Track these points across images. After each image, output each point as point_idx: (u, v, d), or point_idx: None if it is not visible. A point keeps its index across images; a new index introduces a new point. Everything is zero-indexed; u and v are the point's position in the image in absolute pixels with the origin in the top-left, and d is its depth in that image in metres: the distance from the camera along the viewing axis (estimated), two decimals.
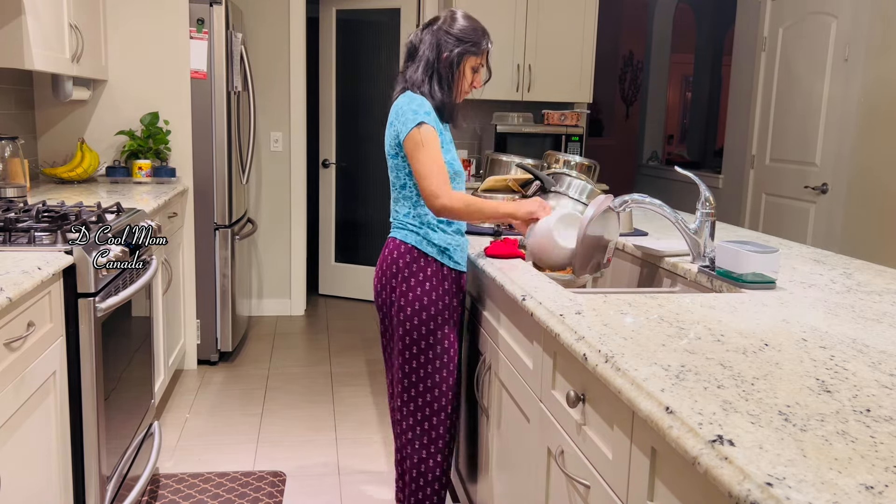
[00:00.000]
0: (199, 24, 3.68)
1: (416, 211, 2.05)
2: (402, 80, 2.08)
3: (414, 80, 2.03)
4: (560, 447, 1.44)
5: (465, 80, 2.07)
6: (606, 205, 1.94)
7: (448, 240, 2.06)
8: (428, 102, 1.99)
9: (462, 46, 2.01)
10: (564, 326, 1.38)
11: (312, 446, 3.05)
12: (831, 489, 0.77)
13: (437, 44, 2.02)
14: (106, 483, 2.08)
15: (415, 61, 2.05)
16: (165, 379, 3.26)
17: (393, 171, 2.07)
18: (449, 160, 2.03)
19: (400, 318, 2.05)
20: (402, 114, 1.97)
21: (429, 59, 2.02)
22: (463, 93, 2.08)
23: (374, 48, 5.08)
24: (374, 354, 4.22)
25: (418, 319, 2.03)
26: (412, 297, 2.03)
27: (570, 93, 4.70)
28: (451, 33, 2.02)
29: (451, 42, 2.01)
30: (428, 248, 2.03)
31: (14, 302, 1.59)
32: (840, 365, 1.17)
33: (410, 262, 2.03)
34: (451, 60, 2.01)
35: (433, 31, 2.04)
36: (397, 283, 2.04)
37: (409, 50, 2.08)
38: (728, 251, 1.76)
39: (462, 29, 2.02)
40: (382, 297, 2.11)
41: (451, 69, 2.02)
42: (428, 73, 2.02)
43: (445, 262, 2.05)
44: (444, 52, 2.01)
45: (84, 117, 3.63)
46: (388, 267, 2.07)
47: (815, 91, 4.23)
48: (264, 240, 4.90)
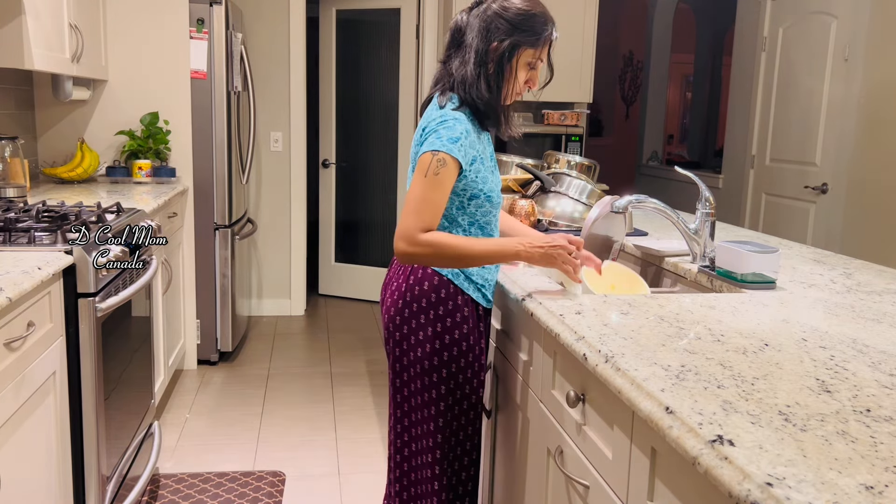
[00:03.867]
0: (199, 24, 3.68)
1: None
2: (445, 73, 1.70)
3: (465, 76, 1.64)
4: (560, 447, 1.44)
5: (519, 79, 1.68)
6: (611, 205, 1.93)
7: (484, 274, 1.74)
8: (464, 121, 1.62)
9: (517, 35, 1.63)
10: (564, 326, 1.38)
11: (312, 446, 3.05)
12: (831, 489, 0.77)
13: (487, 30, 1.63)
14: (106, 483, 2.08)
15: (460, 51, 1.66)
16: (165, 379, 3.26)
17: None
18: (484, 189, 1.67)
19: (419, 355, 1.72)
20: (430, 133, 1.61)
21: (480, 50, 1.63)
22: (514, 94, 1.70)
23: (374, 48, 5.08)
24: (374, 354, 4.22)
25: (439, 359, 1.70)
26: (449, 339, 1.69)
27: (570, 93, 4.69)
28: (504, 17, 1.62)
29: (503, 28, 1.62)
30: (464, 284, 1.70)
31: (14, 302, 1.59)
32: (840, 365, 1.17)
33: (446, 299, 1.69)
34: (502, 52, 1.63)
35: (483, 12, 1.64)
36: (429, 321, 1.69)
37: (453, 34, 1.69)
38: (728, 251, 1.76)
39: (520, 11, 1.63)
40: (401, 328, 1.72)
41: (501, 63, 1.64)
42: (480, 66, 1.63)
43: (478, 299, 1.74)
44: (493, 41, 1.63)
45: (84, 117, 3.63)
46: (413, 299, 1.69)
47: (815, 91, 4.23)
48: (264, 240, 4.90)
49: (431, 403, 1.75)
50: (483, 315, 1.78)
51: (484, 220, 1.73)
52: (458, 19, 1.69)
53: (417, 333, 1.70)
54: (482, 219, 1.72)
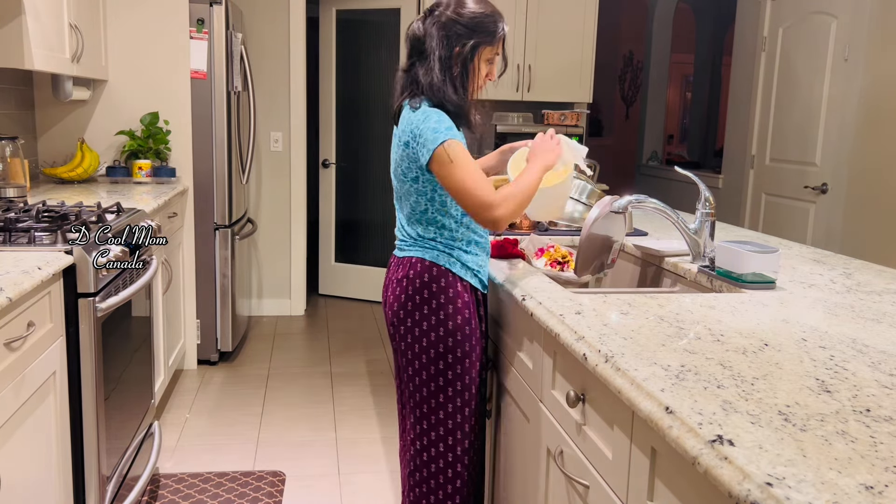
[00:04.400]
0: (199, 24, 3.68)
1: (444, 232, 1.80)
2: (409, 81, 1.78)
3: (432, 82, 1.73)
4: (560, 447, 1.44)
5: (480, 75, 1.79)
6: (611, 205, 1.93)
7: (478, 261, 1.85)
8: (445, 115, 1.73)
9: (476, 37, 1.73)
10: (564, 326, 1.38)
11: (312, 446, 3.05)
12: (831, 489, 0.77)
13: (447, 36, 1.73)
14: (106, 483, 2.08)
15: (423, 59, 1.75)
16: (165, 379, 3.26)
17: (411, 195, 1.79)
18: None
19: (425, 344, 1.80)
20: (420, 135, 1.70)
21: (442, 57, 1.73)
22: (478, 88, 1.82)
23: (374, 48, 5.08)
24: (374, 354, 4.22)
25: (444, 346, 1.79)
26: (452, 325, 1.78)
27: (570, 93, 4.69)
28: (460, 22, 1.73)
29: (462, 32, 1.73)
30: (461, 272, 1.81)
31: (14, 302, 1.59)
32: (840, 365, 1.17)
33: (446, 287, 1.78)
34: (465, 56, 1.73)
35: (440, 20, 1.74)
36: (432, 310, 1.78)
37: (413, 44, 1.78)
38: (728, 251, 1.76)
39: (474, 15, 1.73)
40: (408, 324, 1.81)
41: (465, 65, 1.74)
42: (446, 73, 1.73)
43: (476, 284, 1.85)
44: (455, 46, 1.73)
45: (84, 117, 3.63)
46: (415, 291, 1.79)
47: (815, 91, 4.23)
48: (264, 240, 4.90)
49: (439, 391, 1.82)
50: (481, 301, 1.89)
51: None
52: (415, 28, 1.78)
53: (421, 324, 1.79)
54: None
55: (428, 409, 1.83)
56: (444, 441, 1.84)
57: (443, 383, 1.81)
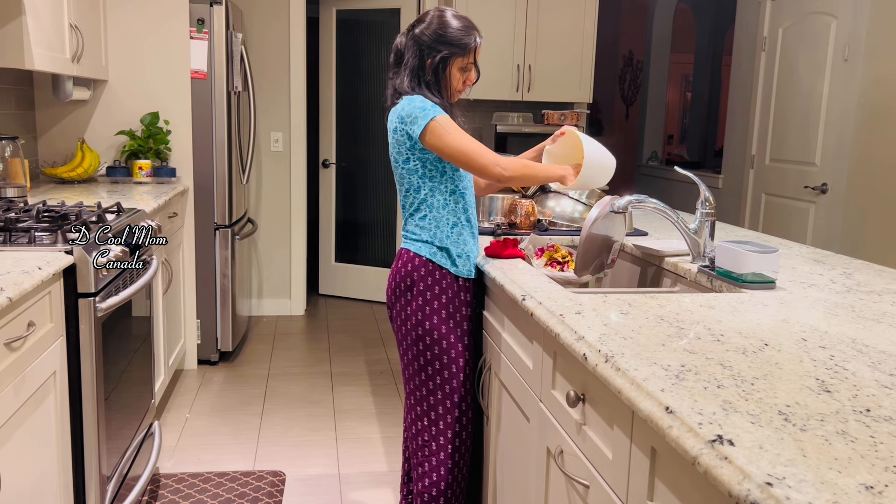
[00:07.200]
0: (199, 24, 3.69)
1: (429, 219, 1.97)
2: (393, 88, 2.01)
3: (402, 90, 1.96)
4: (560, 447, 1.44)
5: (456, 81, 1.99)
6: (611, 205, 1.93)
7: (459, 249, 1.99)
8: (428, 100, 1.92)
9: (447, 50, 1.93)
10: (564, 326, 1.38)
11: (312, 446, 3.05)
12: (831, 489, 0.77)
13: (420, 50, 1.94)
14: (106, 483, 2.08)
15: (401, 69, 1.98)
16: (165, 379, 3.26)
17: (405, 177, 1.97)
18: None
19: (407, 328, 1.99)
20: (409, 114, 1.89)
21: (413, 67, 1.95)
22: (456, 93, 2.01)
23: (374, 48, 5.08)
24: (374, 354, 4.22)
25: (423, 331, 1.96)
26: (429, 310, 1.96)
27: (569, 93, 4.69)
28: (432, 37, 1.93)
29: (433, 47, 1.93)
30: (442, 260, 1.97)
31: (14, 302, 1.60)
32: (840, 365, 1.17)
33: (426, 276, 1.96)
34: (436, 66, 1.94)
35: (415, 35, 1.95)
36: (412, 297, 1.97)
37: (395, 55, 2.00)
38: (728, 251, 1.76)
39: (445, 31, 1.94)
40: (396, 309, 2.01)
41: (438, 74, 1.95)
42: (415, 81, 1.95)
43: (457, 272, 1.98)
44: (426, 59, 1.94)
45: (84, 117, 3.63)
46: (401, 279, 1.98)
47: (815, 91, 4.23)
48: (264, 240, 4.90)
49: (421, 371, 1.99)
50: (465, 286, 2.02)
51: (462, 186, 2.00)
52: (398, 42, 2.00)
53: (406, 309, 1.99)
54: (460, 184, 2.00)
55: (423, 394, 2.01)
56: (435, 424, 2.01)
57: (424, 364, 1.98)
